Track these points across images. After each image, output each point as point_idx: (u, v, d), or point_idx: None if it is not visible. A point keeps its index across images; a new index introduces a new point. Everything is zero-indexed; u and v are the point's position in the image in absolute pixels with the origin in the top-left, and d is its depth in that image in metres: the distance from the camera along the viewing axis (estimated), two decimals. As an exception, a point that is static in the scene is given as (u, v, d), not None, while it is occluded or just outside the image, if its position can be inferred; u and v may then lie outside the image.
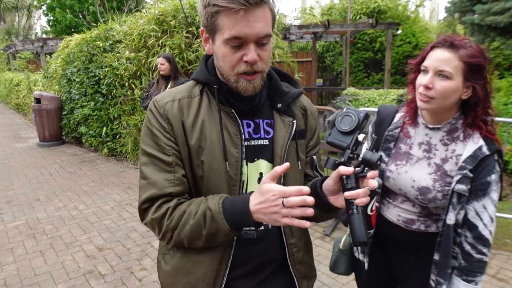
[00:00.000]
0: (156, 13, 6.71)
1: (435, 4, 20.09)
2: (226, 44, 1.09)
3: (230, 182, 1.19)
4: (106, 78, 7.42)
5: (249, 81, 1.14)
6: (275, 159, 1.25)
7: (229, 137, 1.20)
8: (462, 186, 1.46)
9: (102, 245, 4.20)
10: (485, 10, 7.78)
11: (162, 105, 1.21)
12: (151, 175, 1.18)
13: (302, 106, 1.37)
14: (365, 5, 13.86)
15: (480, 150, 1.46)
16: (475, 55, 1.42)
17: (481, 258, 1.49)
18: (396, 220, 1.67)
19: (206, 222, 1.11)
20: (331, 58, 14.90)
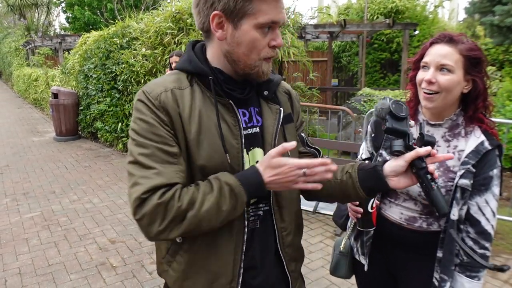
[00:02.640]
0: (173, 11, 6.75)
1: (454, 4, 19.82)
2: (257, 29, 1.11)
3: (233, 173, 1.16)
4: (123, 75, 7.51)
5: (268, 63, 1.18)
6: (265, 147, 1.26)
7: (228, 128, 1.19)
8: (465, 181, 1.46)
9: (114, 238, 4.27)
10: (505, 11, 7.66)
11: (155, 96, 1.13)
12: (155, 165, 1.08)
13: (286, 91, 1.41)
14: (383, 5, 13.72)
15: (482, 145, 1.47)
16: (473, 48, 1.46)
17: (484, 253, 1.49)
18: (398, 219, 1.66)
19: (226, 197, 1.09)
20: (347, 58, 14.80)
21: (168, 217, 1.06)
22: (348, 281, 3.34)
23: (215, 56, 1.21)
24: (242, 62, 1.16)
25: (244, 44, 1.13)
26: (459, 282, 1.52)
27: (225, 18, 1.12)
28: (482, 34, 12.79)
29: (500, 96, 7.46)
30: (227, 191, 1.09)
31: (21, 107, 16.20)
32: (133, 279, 3.45)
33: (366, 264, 1.77)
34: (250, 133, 1.25)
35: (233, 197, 1.10)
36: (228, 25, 1.13)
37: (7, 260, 3.81)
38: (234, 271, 1.22)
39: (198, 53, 1.23)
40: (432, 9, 14.69)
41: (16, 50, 21.41)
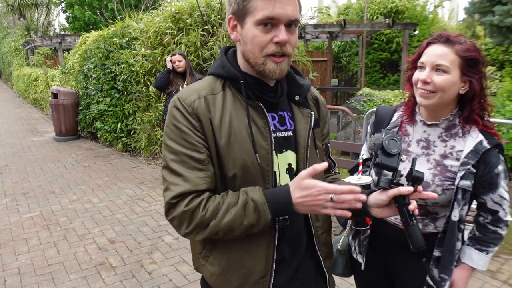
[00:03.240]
0: (173, 11, 6.76)
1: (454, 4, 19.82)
2: (257, 25, 1.13)
3: (263, 173, 1.22)
4: (122, 75, 7.51)
5: (277, 64, 1.17)
6: (299, 149, 1.30)
7: (258, 130, 1.22)
8: (466, 182, 1.47)
9: (114, 238, 4.26)
10: (505, 11, 7.67)
11: (189, 103, 1.20)
12: (183, 172, 1.17)
13: (314, 97, 1.44)
14: (382, 5, 13.72)
15: (481, 144, 1.48)
16: (470, 49, 1.46)
17: (496, 230, 1.56)
18: (394, 219, 1.67)
19: (248, 212, 1.14)
20: (347, 58, 14.81)
21: (193, 223, 1.16)
22: (347, 281, 3.34)
23: (240, 60, 1.26)
24: (251, 61, 1.19)
25: (248, 42, 1.17)
26: (467, 254, 1.58)
27: (236, 20, 1.19)
28: (482, 34, 12.79)
29: (500, 96, 7.46)
30: (251, 207, 1.15)
31: (20, 107, 16.20)
32: (133, 279, 3.44)
33: (363, 263, 1.78)
34: (281, 136, 1.29)
35: (256, 214, 1.15)
36: (239, 26, 1.19)
37: (7, 260, 3.81)
38: (267, 267, 1.26)
39: (230, 58, 1.28)
40: (432, 9, 14.69)
41: (15, 50, 21.41)
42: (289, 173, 1.30)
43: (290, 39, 1.16)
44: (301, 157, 1.30)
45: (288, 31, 1.15)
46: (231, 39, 1.22)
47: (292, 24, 1.15)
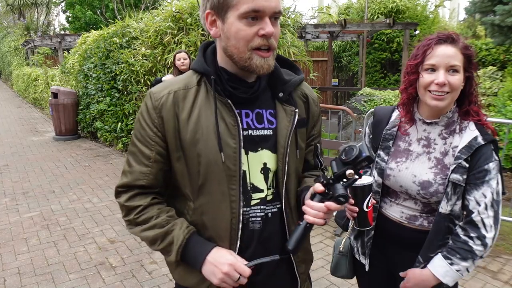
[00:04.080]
0: (173, 11, 6.74)
1: (455, 4, 19.80)
2: (241, 19, 1.09)
3: (228, 172, 1.19)
4: (122, 74, 7.49)
5: (264, 58, 1.13)
6: (278, 149, 1.26)
7: (226, 128, 1.19)
8: (456, 176, 1.47)
9: (114, 238, 4.25)
10: (506, 11, 7.64)
11: (157, 98, 1.22)
12: (132, 164, 1.27)
13: (303, 94, 1.37)
14: (383, 4, 13.71)
15: (476, 140, 1.47)
16: (468, 46, 1.49)
17: (467, 241, 1.47)
18: (399, 217, 1.66)
19: (164, 242, 1.23)
20: (348, 58, 14.80)
21: (126, 217, 1.29)
22: (348, 281, 3.32)
23: (220, 55, 1.23)
24: (235, 56, 1.15)
25: (232, 36, 1.13)
26: (436, 259, 1.53)
27: (216, 14, 1.15)
28: (482, 34, 12.77)
29: (501, 96, 7.44)
30: (168, 240, 1.23)
31: (20, 107, 16.19)
32: (133, 279, 3.43)
33: (367, 264, 1.76)
34: (257, 134, 1.24)
35: (168, 248, 1.24)
36: (219, 21, 1.15)
37: (6, 259, 3.79)
38: None
39: (208, 54, 1.27)
40: (432, 9, 14.68)
41: (15, 50, 21.41)
42: (263, 173, 1.26)
43: (275, 32, 1.12)
44: (281, 157, 1.26)
45: (272, 24, 1.12)
46: (210, 35, 1.19)
47: (277, 17, 1.13)
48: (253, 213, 1.26)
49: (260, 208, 1.26)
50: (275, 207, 1.30)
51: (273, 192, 1.29)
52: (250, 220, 1.25)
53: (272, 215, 1.29)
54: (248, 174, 1.24)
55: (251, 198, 1.25)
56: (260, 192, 1.26)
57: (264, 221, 1.27)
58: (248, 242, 1.26)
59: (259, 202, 1.26)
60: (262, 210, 1.27)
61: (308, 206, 1.17)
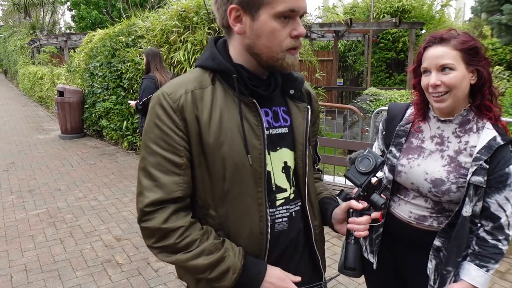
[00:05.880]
0: (179, 9, 6.74)
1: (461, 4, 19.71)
2: (276, 19, 1.06)
3: (255, 175, 1.14)
4: (128, 73, 7.51)
5: (294, 55, 1.12)
6: (297, 146, 1.24)
7: (250, 129, 1.14)
8: (478, 178, 1.44)
9: (120, 236, 4.25)
10: (514, 10, 7.59)
11: (175, 99, 1.11)
12: (158, 176, 1.11)
13: (307, 91, 1.37)
14: (389, 4, 13.65)
15: (495, 140, 1.45)
16: (466, 40, 1.46)
17: (496, 244, 1.48)
18: (407, 217, 1.64)
19: (215, 271, 1.12)
20: (353, 57, 14.75)
21: (163, 243, 1.11)
22: (355, 281, 3.31)
23: (237, 52, 1.16)
24: (265, 55, 1.10)
25: (264, 35, 1.08)
26: (466, 269, 1.51)
27: (242, 10, 1.08)
28: (488, 34, 12.70)
29: (509, 96, 7.37)
30: (221, 269, 1.12)
31: (26, 105, 16.25)
32: (139, 277, 3.43)
33: (375, 262, 1.75)
34: (275, 133, 1.22)
35: (220, 276, 1.12)
36: (246, 18, 1.08)
37: (13, 256, 3.81)
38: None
39: (220, 50, 1.19)
40: (438, 8, 14.61)
41: (21, 49, 21.47)
42: (285, 172, 1.24)
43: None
44: (299, 154, 1.25)
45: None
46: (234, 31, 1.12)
47: (302, 16, 1.11)
48: (279, 213, 1.23)
49: (285, 208, 1.24)
50: (297, 206, 1.28)
51: (294, 190, 1.27)
52: (277, 222, 1.22)
53: (296, 214, 1.28)
54: (272, 174, 1.21)
55: (276, 199, 1.22)
56: (283, 192, 1.24)
57: (289, 222, 1.25)
58: (276, 244, 1.23)
59: (283, 202, 1.24)
60: (287, 210, 1.25)
61: (356, 223, 1.22)
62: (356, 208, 1.22)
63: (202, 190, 1.17)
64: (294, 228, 1.26)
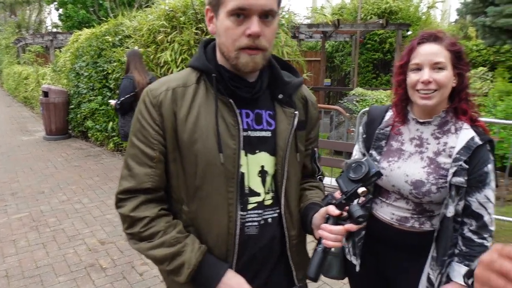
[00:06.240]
0: (166, 9, 6.69)
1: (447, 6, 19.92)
2: (229, 16, 1.07)
3: (227, 174, 1.15)
4: (114, 73, 7.43)
5: (250, 56, 1.09)
6: (277, 152, 1.23)
7: (226, 128, 1.15)
8: (459, 179, 1.47)
9: (104, 239, 4.20)
10: (498, 12, 7.70)
11: (155, 95, 1.17)
12: (133, 167, 1.19)
13: (303, 96, 1.34)
14: (376, 5, 13.76)
15: (473, 140, 1.49)
16: (455, 43, 1.50)
17: (482, 243, 1.52)
18: (389, 219, 1.65)
19: (172, 263, 1.15)
20: (340, 58, 14.82)
21: (131, 230, 1.19)
22: (340, 281, 3.30)
23: (219, 52, 1.20)
24: (225, 54, 1.13)
25: (222, 34, 1.11)
26: (457, 271, 1.53)
27: (213, 11, 1.13)
28: (473, 35, 12.85)
29: (492, 96, 7.50)
30: (178, 262, 1.15)
31: (10, 106, 16.01)
32: (123, 281, 3.38)
33: (358, 264, 1.75)
34: (255, 136, 1.21)
35: (177, 270, 1.15)
36: (215, 18, 1.13)
37: (-6, 261, 3.73)
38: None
39: (209, 51, 1.22)
40: (425, 10, 14.75)
41: (6, 48, 21.17)
42: (261, 176, 1.22)
43: (265, 32, 1.08)
44: (280, 160, 1.23)
45: (263, 23, 1.07)
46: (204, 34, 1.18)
47: (268, 15, 1.08)
48: (250, 217, 1.22)
49: (257, 213, 1.23)
50: (275, 212, 1.26)
51: (272, 196, 1.26)
52: (246, 225, 1.21)
53: (273, 220, 1.26)
54: (247, 176, 1.20)
55: (248, 202, 1.21)
56: (256, 196, 1.22)
57: (261, 227, 1.23)
58: (245, 248, 1.22)
59: (256, 206, 1.22)
60: (259, 215, 1.23)
61: (327, 230, 1.13)
62: (332, 214, 1.14)
63: (177, 185, 1.20)
64: (267, 234, 1.25)
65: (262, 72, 1.23)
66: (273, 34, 1.13)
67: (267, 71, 1.24)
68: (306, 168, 1.40)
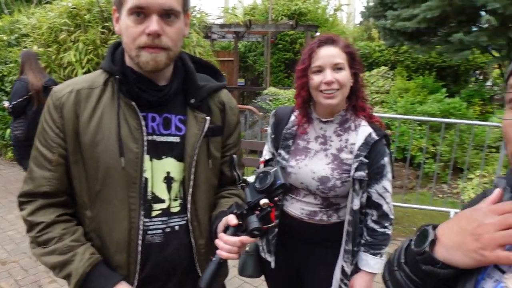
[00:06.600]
0: (69, 6, 6.30)
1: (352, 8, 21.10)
2: (129, 15, 1.05)
3: (129, 179, 1.12)
4: (11, 75, 6.83)
5: (151, 54, 1.07)
6: (185, 158, 1.20)
7: (129, 131, 1.12)
8: (361, 173, 1.59)
9: (5, 259, 3.83)
10: (396, 16, 8.27)
11: (58, 97, 1.14)
12: (33, 170, 1.17)
13: (221, 101, 1.31)
14: (287, 7, 14.15)
15: (370, 136, 1.61)
16: (349, 45, 1.62)
17: (384, 231, 1.67)
18: (299, 214, 1.72)
19: (61, 272, 1.12)
20: (253, 58, 15.03)
21: (29, 234, 1.17)
22: (260, 278, 3.33)
23: (127, 54, 1.16)
24: (128, 53, 1.12)
25: (124, 33, 1.10)
26: (364, 260, 1.67)
27: (118, 11, 1.12)
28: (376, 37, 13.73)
29: (393, 94, 8.08)
30: (66, 272, 1.11)
31: None
32: (28, 303, 3.11)
33: (273, 261, 1.80)
34: (161, 141, 1.17)
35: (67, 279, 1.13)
36: (120, 18, 1.12)
37: None
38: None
39: (118, 53, 1.19)
40: (332, 13, 15.46)
41: None
42: (166, 182, 1.20)
43: (167, 31, 1.07)
44: (187, 167, 1.20)
45: (165, 22, 1.06)
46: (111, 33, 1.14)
47: (171, 15, 1.07)
48: (153, 225, 1.18)
49: (162, 220, 1.19)
50: (182, 220, 1.23)
51: (180, 203, 1.22)
52: (149, 233, 1.17)
53: (180, 228, 1.23)
54: (151, 182, 1.16)
55: (152, 209, 1.18)
56: (161, 203, 1.19)
57: (167, 235, 1.20)
58: (147, 257, 1.18)
59: (160, 213, 1.19)
60: (163, 222, 1.20)
61: (222, 240, 1.11)
62: (230, 224, 1.11)
63: (79, 188, 1.16)
64: (173, 243, 1.22)
65: (175, 75, 1.20)
66: (177, 34, 1.11)
67: (180, 75, 1.21)
68: (225, 175, 1.37)
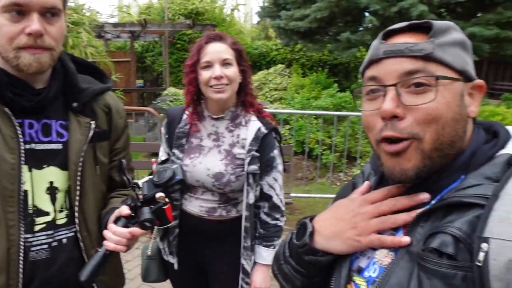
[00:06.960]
0: None
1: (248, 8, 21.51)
2: (3, 13, 0.94)
3: (4, 193, 1.01)
4: None
5: (34, 55, 0.97)
6: (69, 166, 1.11)
7: (3, 140, 1.00)
8: (253, 167, 1.62)
9: None
10: (289, 16, 8.62)
11: None
12: None
13: (106, 104, 1.24)
14: (183, 6, 14.00)
15: (259, 130, 1.65)
16: (236, 42, 1.68)
17: (276, 223, 1.73)
18: (199, 211, 1.71)
19: None
20: (152, 58, 14.66)
21: None
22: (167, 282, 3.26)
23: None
24: (3, 54, 0.99)
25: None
26: (258, 252, 1.70)
27: None
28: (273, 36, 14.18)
29: (290, 90, 8.42)
30: None
31: None
32: None
33: (176, 262, 1.77)
34: (41, 149, 1.07)
35: None
36: None
37: None
38: None
39: None
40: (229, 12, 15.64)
41: None
42: (50, 193, 1.11)
43: (50, 30, 0.99)
44: (72, 175, 1.12)
45: (47, 21, 0.98)
46: None
47: (54, 14, 0.99)
48: (37, 240, 1.08)
49: (47, 234, 1.10)
50: (70, 232, 1.15)
51: (67, 214, 1.14)
52: (33, 250, 1.06)
53: (68, 241, 1.14)
54: (31, 194, 1.06)
55: (34, 223, 1.07)
56: (45, 216, 1.09)
57: (54, 249, 1.11)
58: (32, 275, 1.07)
59: (45, 227, 1.09)
60: (49, 236, 1.10)
61: (110, 231, 1.05)
62: (122, 214, 1.08)
63: None
64: (61, 257, 1.13)
65: (53, 78, 1.10)
66: (60, 33, 1.03)
67: (60, 77, 1.12)
68: (114, 181, 1.31)
